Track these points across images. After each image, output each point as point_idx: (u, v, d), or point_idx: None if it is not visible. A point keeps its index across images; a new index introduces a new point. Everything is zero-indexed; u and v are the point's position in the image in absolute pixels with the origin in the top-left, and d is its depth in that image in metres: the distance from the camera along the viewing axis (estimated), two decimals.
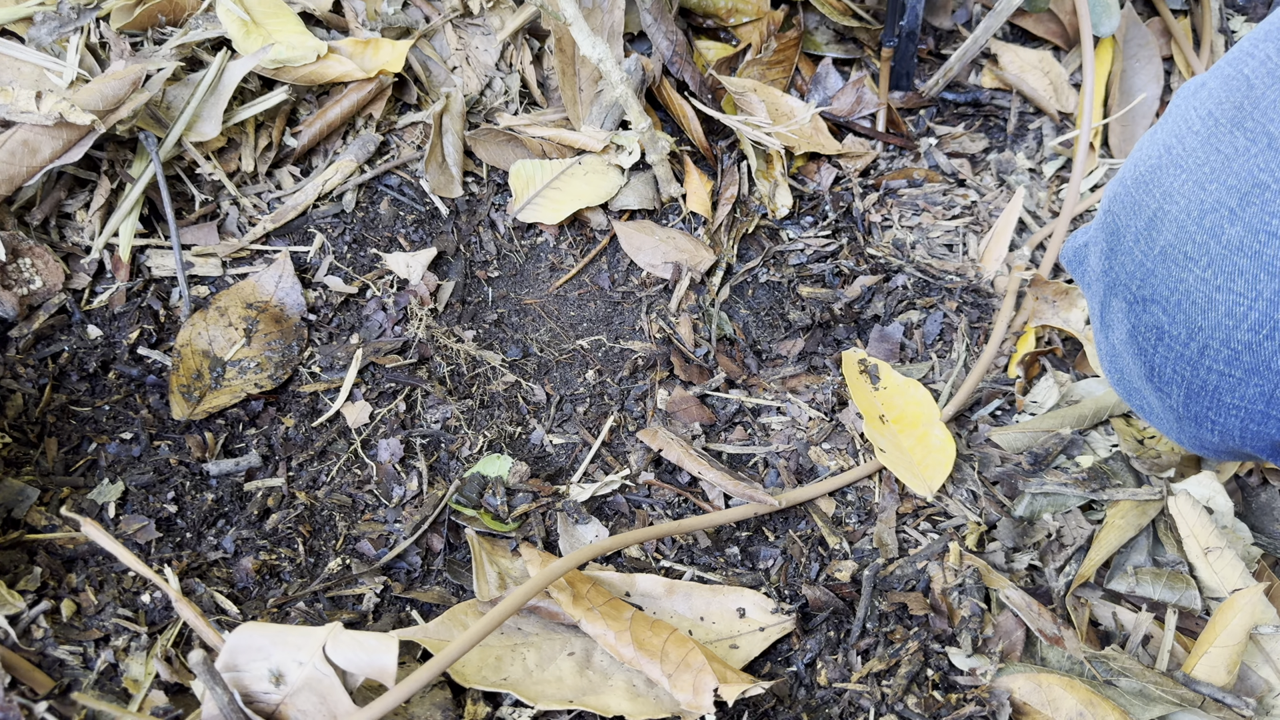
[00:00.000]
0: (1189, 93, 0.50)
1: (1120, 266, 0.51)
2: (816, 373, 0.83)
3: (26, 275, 0.70)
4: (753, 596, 0.68)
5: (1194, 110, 0.48)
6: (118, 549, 0.54)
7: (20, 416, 0.67)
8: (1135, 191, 0.50)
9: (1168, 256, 0.48)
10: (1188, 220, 0.47)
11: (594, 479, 0.75)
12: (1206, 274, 0.46)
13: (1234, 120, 0.46)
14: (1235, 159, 0.45)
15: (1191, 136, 0.47)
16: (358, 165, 0.84)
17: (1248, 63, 0.47)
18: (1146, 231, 0.49)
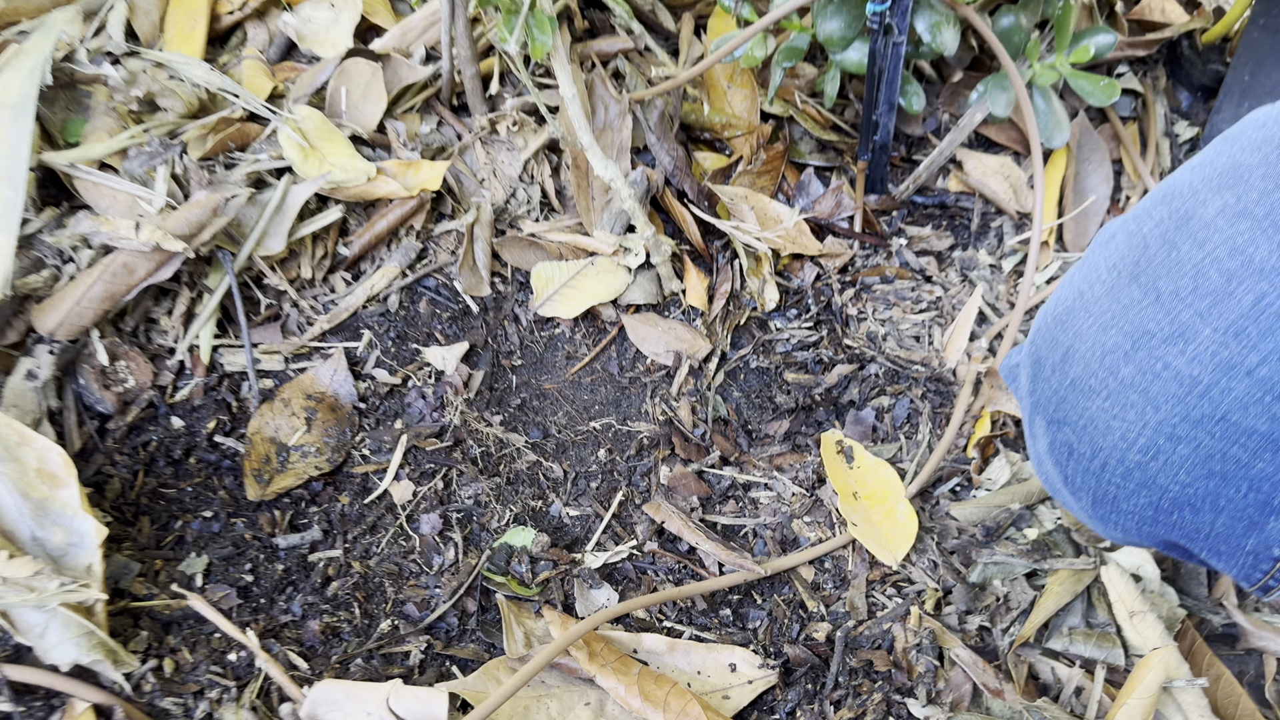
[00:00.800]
0: (1101, 241, 0.60)
1: (1041, 390, 0.60)
2: (800, 451, 0.95)
3: (122, 376, 0.83)
4: (742, 653, 0.79)
5: (1103, 260, 0.57)
6: (216, 617, 0.66)
7: (119, 498, 0.79)
8: (1054, 329, 0.59)
9: (1077, 387, 0.57)
10: (1092, 359, 0.56)
11: (605, 548, 0.87)
12: (1106, 404, 0.55)
13: (1131, 275, 0.54)
14: (1130, 309, 0.53)
15: (1099, 285, 0.57)
16: (400, 270, 0.96)
17: (1146, 222, 0.55)
18: (1061, 364, 0.58)
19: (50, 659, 0.65)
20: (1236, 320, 0.49)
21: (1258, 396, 0.49)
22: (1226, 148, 0.54)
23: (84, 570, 0.68)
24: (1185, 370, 0.51)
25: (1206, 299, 0.50)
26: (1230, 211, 0.51)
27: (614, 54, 1.07)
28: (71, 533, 0.69)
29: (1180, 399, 0.51)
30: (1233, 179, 0.52)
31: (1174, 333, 0.51)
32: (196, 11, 1.08)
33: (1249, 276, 0.49)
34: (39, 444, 0.71)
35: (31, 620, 0.66)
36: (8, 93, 0.85)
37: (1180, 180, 0.54)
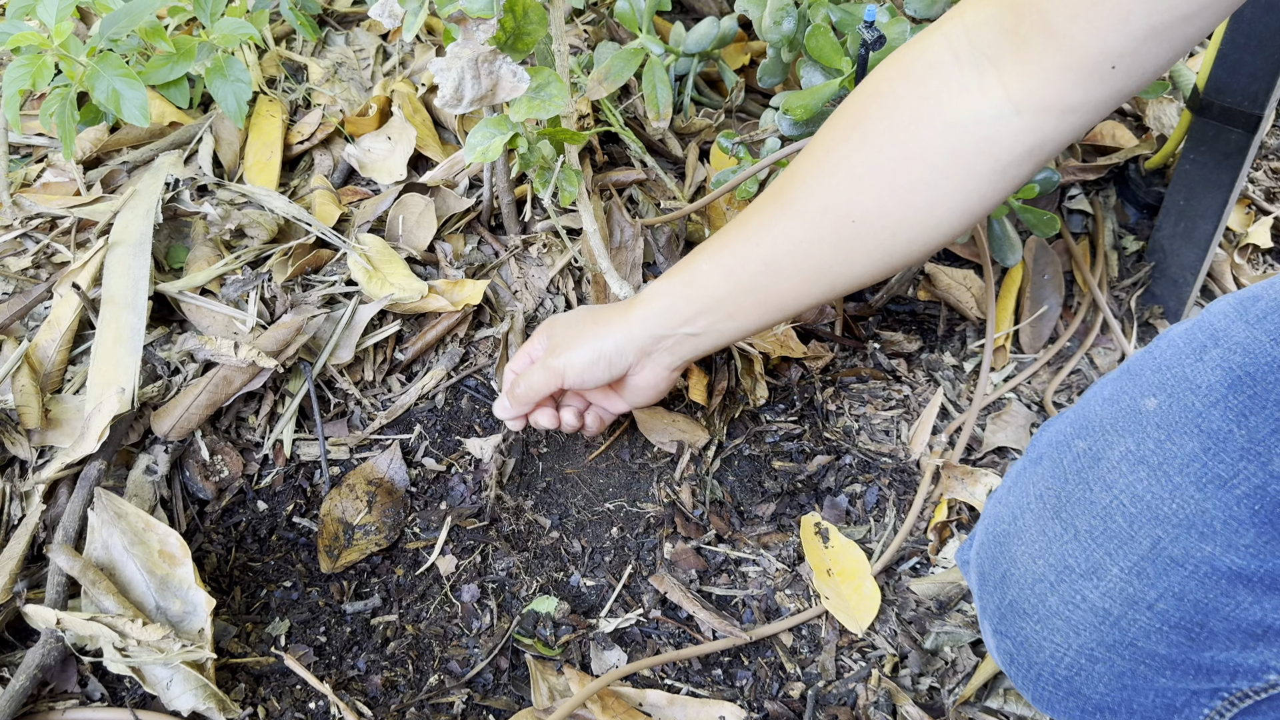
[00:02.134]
0: (1032, 460, 0.65)
1: (986, 601, 0.66)
2: (784, 531, 1.11)
3: (219, 468, 1.00)
4: (730, 708, 0.95)
5: (1031, 487, 0.63)
6: (302, 672, 0.82)
7: (215, 571, 0.97)
8: (994, 549, 0.65)
9: (1014, 609, 0.63)
10: (1025, 585, 0.61)
11: (617, 615, 1.03)
12: (1038, 628, 0.61)
13: (1054, 509, 0.60)
14: (1054, 543, 0.60)
15: (1029, 514, 0.62)
16: (446, 372, 1.14)
17: (1067, 453, 0.61)
18: (1000, 584, 0.64)
19: (173, 707, 0.82)
20: (1138, 561, 0.56)
21: (1157, 626, 0.56)
22: (1130, 387, 0.59)
23: (197, 634, 0.85)
24: (1099, 603, 0.57)
25: (1114, 540, 0.57)
26: (1131, 458, 0.56)
27: (629, 183, 1.25)
28: (187, 603, 0.86)
29: (1096, 627, 0.58)
30: (1134, 424, 0.57)
31: (1089, 569, 0.57)
32: (272, 143, 1.27)
33: (1147, 522, 0.55)
34: (160, 530, 0.88)
35: (159, 675, 0.82)
36: (128, 231, 1.04)
37: (1093, 414, 0.61)
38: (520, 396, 0.97)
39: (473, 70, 0.80)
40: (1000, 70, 0.65)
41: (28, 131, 1.29)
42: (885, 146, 0.71)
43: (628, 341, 0.91)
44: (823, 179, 0.76)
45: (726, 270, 0.85)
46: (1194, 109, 1.21)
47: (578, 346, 0.92)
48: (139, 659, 0.81)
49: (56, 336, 0.98)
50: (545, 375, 0.94)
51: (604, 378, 0.93)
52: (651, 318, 0.90)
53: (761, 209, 0.82)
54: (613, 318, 0.93)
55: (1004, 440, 1.18)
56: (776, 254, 0.81)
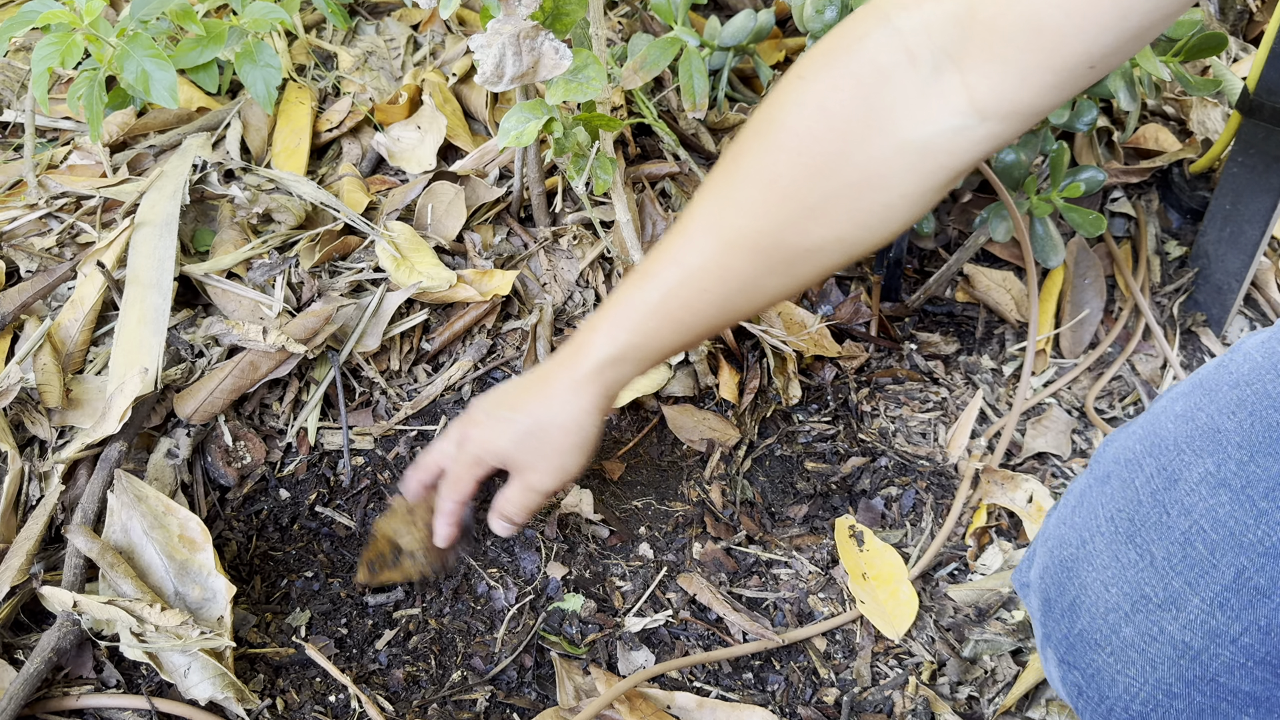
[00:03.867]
0: (1099, 479, 0.61)
1: (1052, 630, 0.62)
2: (817, 534, 1.08)
3: (241, 454, 0.98)
4: (762, 713, 0.92)
5: (1100, 509, 0.60)
6: (325, 663, 0.80)
7: (236, 559, 0.94)
8: (1060, 574, 0.61)
9: (1084, 639, 0.59)
10: (1096, 614, 0.58)
11: (645, 614, 1.00)
12: (1110, 660, 0.58)
13: (1128, 534, 0.57)
14: (1129, 570, 0.56)
15: (1099, 538, 0.59)
16: (473, 364, 1.11)
17: (1138, 473, 0.57)
18: (1069, 612, 0.60)
19: (191, 695, 0.80)
20: (1221, 592, 0.52)
21: (1241, 661, 0.53)
22: (1206, 403, 0.56)
23: (216, 622, 0.83)
24: (1179, 636, 0.54)
25: (1194, 569, 0.53)
26: (1211, 480, 0.53)
27: (661, 176, 1.23)
28: (206, 590, 0.84)
29: (1175, 661, 0.55)
30: (1213, 443, 0.54)
31: (1167, 599, 0.54)
32: (300, 130, 1.25)
33: (1230, 550, 0.52)
34: (181, 514, 0.86)
35: (177, 662, 0.80)
36: (154, 212, 1.02)
37: (1165, 432, 0.57)
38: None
39: (514, 46, 0.78)
40: (965, 73, 0.59)
41: (55, 115, 1.27)
42: (840, 171, 0.65)
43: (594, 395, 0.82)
44: (772, 212, 0.69)
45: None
46: (1243, 111, 1.18)
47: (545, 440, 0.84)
48: (156, 645, 0.79)
49: (79, 316, 0.96)
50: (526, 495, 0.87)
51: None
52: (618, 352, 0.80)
53: (699, 247, 0.74)
54: (551, 363, 0.84)
55: (1044, 446, 1.15)
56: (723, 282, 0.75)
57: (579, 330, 0.85)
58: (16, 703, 0.74)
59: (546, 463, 0.85)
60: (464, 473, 0.88)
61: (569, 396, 0.81)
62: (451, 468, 0.88)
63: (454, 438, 0.89)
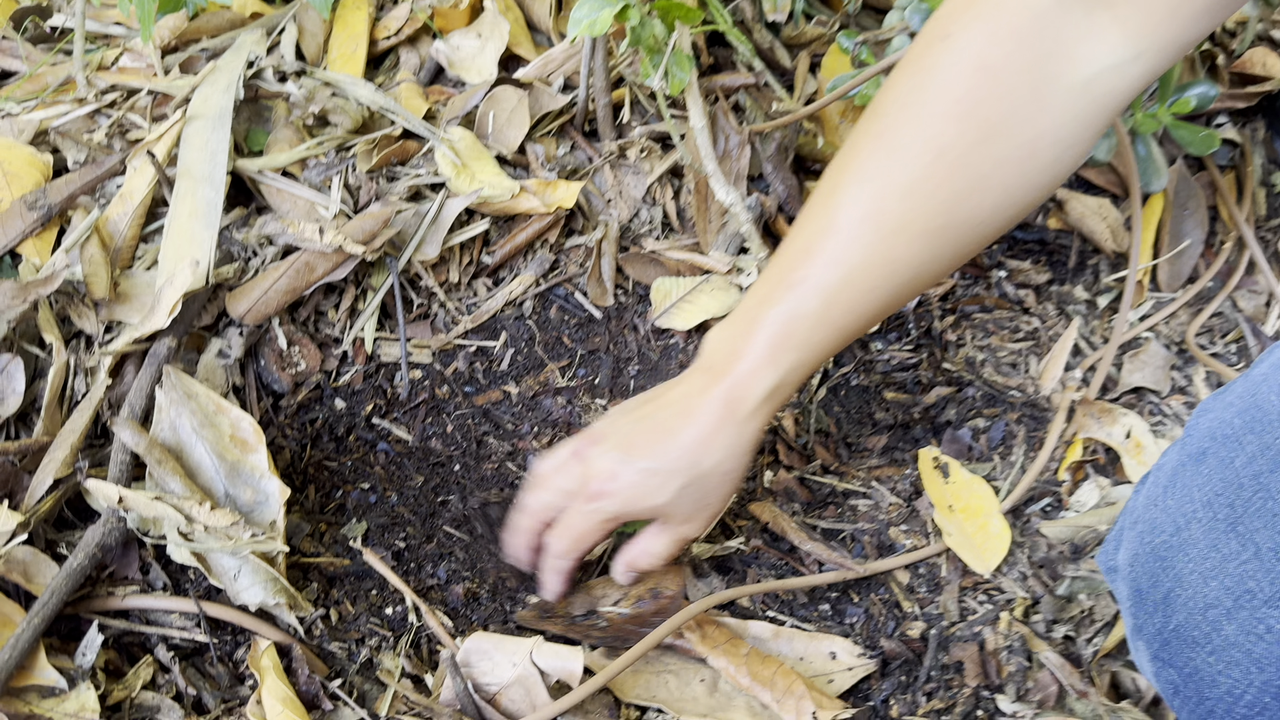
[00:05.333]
0: (1193, 457, 0.57)
1: (1144, 623, 0.58)
2: (897, 465, 1.01)
3: (295, 360, 0.93)
4: (842, 643, 0.86)
5: (1197, 491, 0.55)
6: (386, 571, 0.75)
7: (289, 467, 0.89)
8: (1152, 565, 0.57)
9: (1180, 636, 0.55)
10: (1195, 610, 0.54)
11: (714, 540, 0.94)
12: (1210, 659, 0.53)
13: (1229, 522, 0.52)
14: (1230, 561, 0.52)
15: (1196, 525, 0.54)
16: (535, 279, 1.05)
17: (1238, 453, 0.53)
18: (1163, 605, 0.56)
19: (240, 600, 0.75)
20: None
21: None
22: None
23: (269, 526, 0.78)
24: None
25: None
26: None
27: (736, 88, 1.15)
28: (259, 492, 0.79)
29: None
30: None
31: (1275, 594, 0.50)
32: (357, 36, 1.20)
33: None
34: (233, 413, 0.81)
35: (226, 565, 0.75)
36: (207, 105, 0.97)
37: (1269, 405, 0.53)
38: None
39: None
40: (1115, 8, 0.57)
41: (105, 20, 1.23)
42: (1011, 131, 0.62)
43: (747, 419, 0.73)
44: (941, 189, 0.65)
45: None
46: None
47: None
48: (205, 545, 0.74)
49: (129, 210, 0.91)
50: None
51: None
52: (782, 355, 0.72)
53: (859, 240, 0.68)
54: (700, 397, 0.73)
55: (1141, 380, 1.07)
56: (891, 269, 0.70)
57: (716, 347, 0.75)
58: (59, 597, 0.70)
59: (705, 512, 0.77)
60: (593, 530, 0.75)
61: (731, 440, 0.72)
62: (575, 522, 0.75)
63: (572, 481, 0.75)
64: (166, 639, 0.74)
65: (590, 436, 0.77)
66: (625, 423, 0.77)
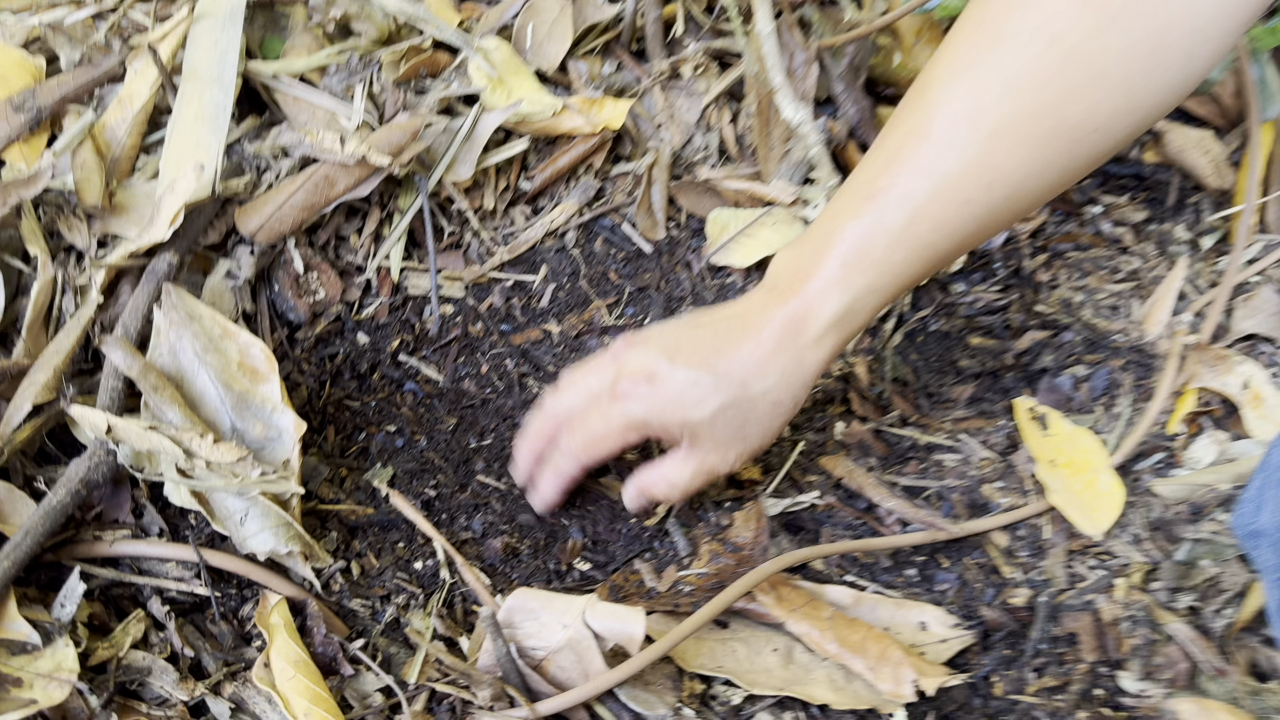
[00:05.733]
0: None
1: None
2: (986, 417, 0.90)
3: (313, 287, 0.82)
4: (934, 612, 0.75)
5: None
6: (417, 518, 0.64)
7: (305, 405, 0.79)
8: None
9: None
10: None
11: (783, 496, 0.83)
12: None
13: None
14: None
15: None
16: (578, 208, 0.95)
17: None
18: None
19: (248, 548, 0.65)
20: None
21: None
22: None
23: (282, 465, 0.68)
24: None
25: None
26: None
27: (801, 1, 1.04)
28: (270, 427, 0.69)
29: None
30: None
31: None
32: None
33: None
34: (242, 338, 0.71)
35: (231, 507, 0.65)
36: (217, 4, 0.86)
37: None
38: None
39: None
40: None
41: None
42: (1136, 16, 0.56)
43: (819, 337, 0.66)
44: (1052, 83, 0.58)
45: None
46: None
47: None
48: (207, 484, 0.64)
49: (128, 117, 0.81)
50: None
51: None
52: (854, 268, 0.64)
53: (954, 143, 0.61)
54: (761, 314, 0.67)
55: (1254, 327, 0.95)
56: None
57: (780, 270, 0.67)
58: (34, 538, 0.59)
59: (741, 444, 0.69)
60: (612, 435, 0.68)
61: (788, 365, 0.66)
62: (594, 421, 0.68)
63: (602, 381, 0.68)
64: (161, 591, 0.64)
65: (632, 337, 0.69)
66: (674, 327, 0.69)
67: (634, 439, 0.69)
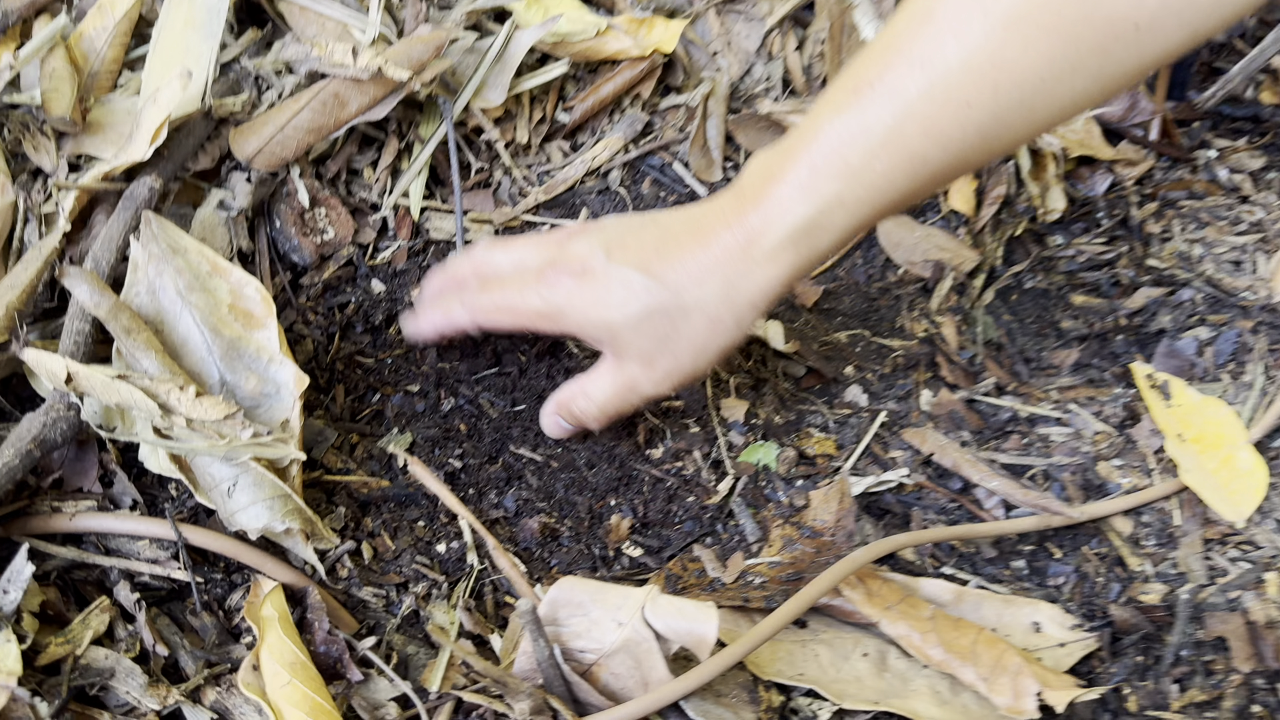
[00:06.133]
0: None
1: None
2: (1096, 385, 0.78)
3: (321, 225, 0.71)
4: (1049, 610, 0.63)
5: None
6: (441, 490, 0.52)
7: (311, 361, 0.68)
8: None
9: None
10: None
11: (863, 474, 0.71)
12: None
13: None
14: None
15: None
16: (623, 144, 0.83)
17: None
18: None
19: (237, 523, 0.54)
20: None
21: None
22: None
23: (280, 426, 0.57)
24: None
25: None
26: None
27: None
28: (266, 381, 0.58)
29: None
30: None
31: None
32: None
33: None
34: (235, 275, 0.60)
35: (217, 474, 0.54)
36: None
37: None
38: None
39: None
40: None
41: None
42: None
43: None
44: None
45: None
46: None
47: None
48: (188, 445, 0.53)
49: (109, 25, 0.69)
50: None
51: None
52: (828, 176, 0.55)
53: (959, 33, 0.51)
54: (715, 219, 0.59)
55: None
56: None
57: (750, 172, 0.58)
58: None
59: (669, 360, 0.59)
60: (524, 315, 0.61)
61: (731, 279, 0.57)
62: (511, 293, 0.61)
63: (542, 255, 0.61)
64: (131, 575, 0.53)
65: (585, 225, 0.64)
66: (628, 222, 0.63)
67: (545, 328, 0.62)
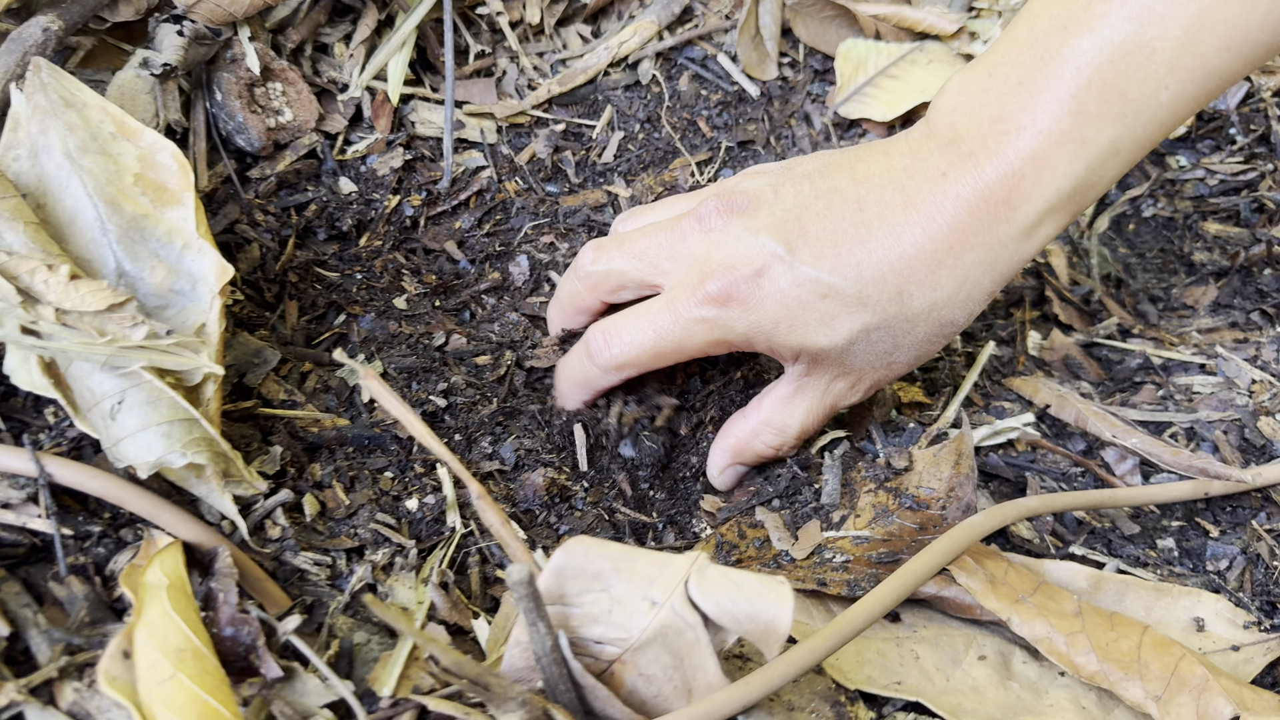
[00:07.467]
0: None
1: None
2: (1242, 328, 0.62)
3: (275, 104, 0.56)
4: (1213, 602, 0.47)
5: None
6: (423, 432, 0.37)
7: (256, 271, 0.53)
8: None
9: None
10: None
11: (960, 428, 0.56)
12: None
13: None
14: None
15: None
16: (657, 30, 0.68)
17: None
18: None
19: (122, 455, 0.39)
20: None
21: None
22: None
23: (194, 331, 0.42)
24: None
25: None
26: None
27: None
28: (178, 273, 0.43)
29: None
30: None
31: None
32: None
33: None
34: (147, 138, 0.45)
35: (98, 389, 0.39)
36: None
37: None
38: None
39: None
40: None
41: None
42: None
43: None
44: None
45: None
46: None
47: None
48: (58, 345, 0.38)
49: None
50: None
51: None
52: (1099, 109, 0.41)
53: None
54: (936, 184, 0.43)
55: None
56: None
57: (965, 105, 0.43)
58: None
59: (885, 371, 0.47)
60: (686, 349, 0.45)
61: (978, 268, 0.43)
62: (662, 321, 0.45)
63: (679, 254, 0.46)
64: None
65: (732, 195, 0.45)
66: (799, 190, 0.45)
67: (714, 353, 0.46)
